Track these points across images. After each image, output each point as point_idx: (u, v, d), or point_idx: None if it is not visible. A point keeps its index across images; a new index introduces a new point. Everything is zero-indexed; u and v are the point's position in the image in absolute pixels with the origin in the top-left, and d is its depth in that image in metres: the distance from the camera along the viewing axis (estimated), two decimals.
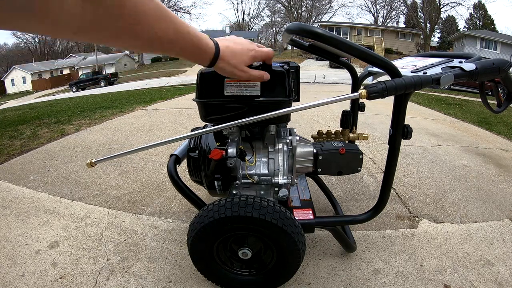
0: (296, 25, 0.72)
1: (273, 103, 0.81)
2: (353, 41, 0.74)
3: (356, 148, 1.02)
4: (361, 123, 3.13)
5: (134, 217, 1.43)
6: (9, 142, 2.66)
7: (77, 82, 18.61)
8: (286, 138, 0.98)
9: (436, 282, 1.05)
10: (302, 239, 0.86)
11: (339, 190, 1.72)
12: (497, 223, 1.43)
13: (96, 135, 2.84)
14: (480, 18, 29.00)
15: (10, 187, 1.75)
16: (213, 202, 0.85)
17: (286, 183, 0.95)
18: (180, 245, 1.22)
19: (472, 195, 1.70)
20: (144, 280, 1.05)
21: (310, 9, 30.24)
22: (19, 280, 1.05)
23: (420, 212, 1.51)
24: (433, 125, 3.50)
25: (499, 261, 1.16)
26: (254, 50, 0.66)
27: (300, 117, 3.50)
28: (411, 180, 1.88)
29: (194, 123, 3.01)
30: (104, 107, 4.25)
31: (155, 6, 0.42)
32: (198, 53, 0.56)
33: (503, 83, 0.84)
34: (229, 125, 0.75)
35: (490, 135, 3.18)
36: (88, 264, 1.12)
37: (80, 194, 1.66)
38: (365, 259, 1.16)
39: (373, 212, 0.97)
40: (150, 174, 1.91)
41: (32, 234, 1.30)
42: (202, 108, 0.85)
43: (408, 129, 0.82)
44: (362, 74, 1.23)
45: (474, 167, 2.13)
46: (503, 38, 21.18)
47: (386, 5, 31.10)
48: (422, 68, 0.82)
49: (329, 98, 0.69)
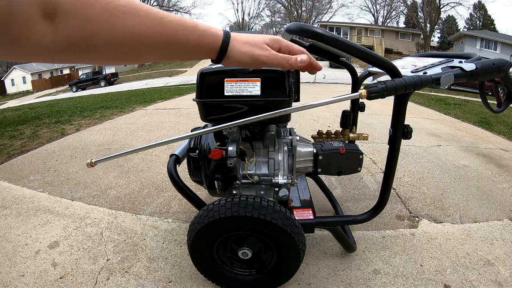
0: (296, 25, 0.72)
1: (273, 103, 0.81)
2: (353, 41, 0.74)
3: (356, 148, 1.02)
4: (361, 123, 3.13)
5: (134, 217, 1.43)
6: (9, 142, 2.66)
7: (77, 82, 18.57)
8: (286, 138, 0.98)
9: (436, 282, 1.05)
10: (302, 239, 0.86)
11: (339, 190, 1.72)
12: (497, 223, 1.43)
13: (96, 135, 2.84)
14: (480, 18, 28.99)
15: (10, 187, 1.75)
16: (213, 202, 0.85)
17: (286, 183, 0.95)
18: (180, 245, 1.22)
19: (472, 195, 1.70)
20: (144, 280, 1.05)
21: (310, 9, 30.24)
22: (19, 280, 1.04)
23: (420, 212, 1.51)
24: (433, 125, 3.50)
25: (499, 261, 1.16)
26: (279, 37, 0.52)
27: (300, 117, 3.50)
28: (411, 180, 1.88)
29: (194, 123, 3.01)
30: (104, 107, 4.25)
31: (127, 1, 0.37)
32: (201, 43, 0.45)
33: (503, 83, 0.84)
34: (229, 125, 0.75)
35: (490, 135, 3.18)
36: (88, 264, 1.12)
37: (80, 194, 1.66)
38: (365, 259, 1.16)
39: (373, 212, 0.96)
40: (150, 174, 1.91)
41: (32, 234, 1.30)
42: (202, 108, 0.85)
43: (408, 129, 0.82)
44: (362, 74, 1.23)
45: (474, 167, 2.13)
46: (503, 38, 21.17)
47: (386, 5, 31.09)
48: (422, 68, 0.82)
49: (329, 98, 0.69)
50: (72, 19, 0.33)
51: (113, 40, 0.37)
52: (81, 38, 0.35)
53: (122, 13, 0.37)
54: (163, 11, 0.42)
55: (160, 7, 28.48)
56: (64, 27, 0.33)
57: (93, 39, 0.36)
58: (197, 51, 0.45)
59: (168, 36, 0.41)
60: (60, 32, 0.33)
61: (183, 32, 0.43)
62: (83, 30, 0.34)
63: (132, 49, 0.39)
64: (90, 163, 0.86)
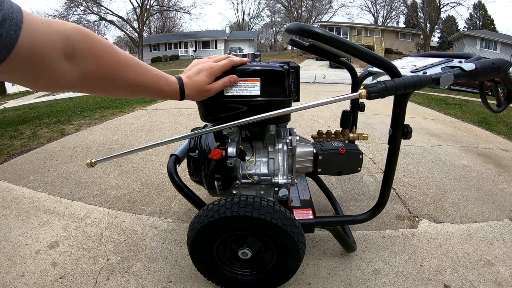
0: (296, 25, 0.72)
1: (273, 103, 0.81)
2: (353, 41, 0.74)
3: (356, 148, 1.02)
4: (361, 123, 3.13)
5: (134, 217, 1.43)
6: (9, 142, 2.66)
7: None
8: (286, 138, 0.98)
9: (436, 282, 1.05)
10: (302, 239, 0.86)
11: (339, 190, 1.72)
12: (497, 223, 1.43)
13: (96, 135, 2.84)
14: (480, 18, 28.98)
15: (10, 187, 1.75)
16: (213, 202, 0.85)
17: (286, 183, 0.95)
18: (180, 245, 1.22)
19: (472, 195, 1.70)
20: (144, 280, 1.05)
21: (310, 9, 30.21)
22: (19, 280, 1.05)
23: (420, 212, 1.51)
24: (433, 125, 3.50)
25: (499, 261, 1.16)
26: (209, 67, 0.70)
27: (300, 117, 3.50)
28: (411, 180, 1.88)
29: (194, 123, 3.01)
30: (104, 107, 4.25)
31: (126, 55, 0.52)
32: (169, 90, 0.63)
33: (503, 83, 0.84)
34: (229, 125, 0.75)
35: (490, 135, 3.18)
36: (88, 264, 1.12)
37: (80, 194, 1.66)
38: (365, 259, 1.16)
39: (373, 212, 0.97)
40: (150, 174, 1.91)
41: (32, 234, 1.30)
42: (202, 108, 0.85)
43: (408, 129, 0.82)
44: (362, 74, 1.23)
45: (474, 167, 2.13)
46: (503, 38, 21.16)
47: (386, 5, 31.07)
48: (422, 68, 0.82)
49: (329, 98, 0.69)
50: (87, 63, 0.44)
51: (115, 85, 0.52)
52: (94, 78, 0.47)
53: (125, 66, 0.51)
54: (145, 64, 0.58)
55: (160, 7, 28.49)
56: (81, 67, 0.44)
57: (102, 81, 0.49)
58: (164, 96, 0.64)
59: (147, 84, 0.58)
60: (78, 70, 0.43)
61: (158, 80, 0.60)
62: (95, 74, 0.46)
63: (125, 91, 0.56)
64: (90, 163, 0.86)
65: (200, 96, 0.70)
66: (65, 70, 0.41)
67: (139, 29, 26.46)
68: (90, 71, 0.45)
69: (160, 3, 28.00)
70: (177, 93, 0.64)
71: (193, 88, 0.67)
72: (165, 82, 0.62)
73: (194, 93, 0.67)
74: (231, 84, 0.75)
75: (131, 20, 27.04)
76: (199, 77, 0.67)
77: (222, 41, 26.63)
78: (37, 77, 0.38)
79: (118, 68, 0.50)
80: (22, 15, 0.32)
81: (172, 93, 0.64)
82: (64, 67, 0.40)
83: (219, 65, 0.72)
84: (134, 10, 26.11)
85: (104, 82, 0.49)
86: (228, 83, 0.74)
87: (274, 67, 0.79)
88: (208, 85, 0.69)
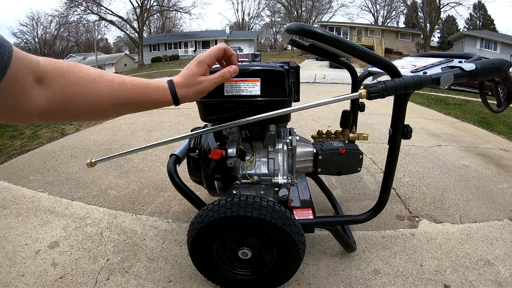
0: (296, 25, 0.72)
1: (273, 103, 0.81)
2: (353, 41, 0.74)
3: (356, 148, 1.02)
4: (361, 123, 3.13)
5: (134, 217, 1.43)
6: (9, 142, 2.66)
7: None
8: (286, 138, 0.98)
9: (436, 282, 1.05)
10: (302, 239, 0.86)
11: (339, 190, 1.72)
12: (497, 223, 1.43)
13: (96, 135, 2.84)
14: (480, 18, 28.98)
15: (10, 187, 1.75)
16: (213, 202, 0.85)
17: (286, 183, 0.95)
18: (180, 245, 1.22)
19: (472, 195, 1.70)
20: (144, 280, 1.05)
21: (310, 9, 30.21)
22: (19, 280, 1.05)
23: (420, 212, 1.51)
24: (433, 125, 3.50)
25: (499, 261, 1.16)
26: (197, 57, 0.64)
27: (300, 117, 3.50)
28: (411, 180, 1.88)
29: (194, 123, 3.01)
30: None
31: (95, 70, 0.50)
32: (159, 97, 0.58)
33: (503, 83, 0.84)
34: (229, 125, 0.75)
35: (490, 135, 3.18)
36: (88, 264, 1.12)
37: (80, 194, 1.66)
38: (365, 259, 1.16)
39: (373, 212, 0.97)
40: (150, 174, 1.91)
41: (32, 234, 1.30)
42: (202, 108, 0.85)
43: (408, 129, 0.82)
44: (362, 74, 1.23)
45: (474, 167, 2.13)
46: (503, 38, 21.16)
47: (386, 5, 31.07)
48: (422, 68, 0.82)
49: (329, 98, 0.69)
50: (55, 83, 0.43)
51: (88, 101, 0.48)
52: (64, 100, 0.45)
53: (93, 79, 0.48)
54: (124, 76, 0.54)
55: (160, 7, 28.48)
56: (50, 89, 0.43)
57: (72, 101, 0.46)
58: (156, 103, 0.58)
59: (127, 95, 0.53)
60: (48, 93, 0.42)
61: (140, 89, 0.55)
62: (64, 93, 0.45)
63: (102, 108, 0.51)
64: (90, 163, 0.86)
65: (195, 91, 0.62)
66: (36, 96, 0.41)
67: (139, 29, 26.45)
68: (59, 90, 0.44)
69: (160, 3, 27.99)
70: (168, 94, 0.59)
71: (184, 83, 0.61)
72: (155, 89, 0.58)
73: (186, 88, 0.61)
74: (231, 75, 0.67)
75: (131, 20, 27.05)
76: (188, 70, 0.62)
77: (222, 41, 26.62)
78: (13, 107, 0.39)
79: (86, 82, 0.47)
80: (11, 44, 0.36)
81: (161, 97, 0.59)
82: (35, 92, 0.41)
83: (206, 52, 0.66)
84: (134, 10, 26.12)
85: (75, 101, 0.46)
86: (228, 74, 0.66)
87: (274, 67, 0.79)
88: (200, 76, 0.62)
